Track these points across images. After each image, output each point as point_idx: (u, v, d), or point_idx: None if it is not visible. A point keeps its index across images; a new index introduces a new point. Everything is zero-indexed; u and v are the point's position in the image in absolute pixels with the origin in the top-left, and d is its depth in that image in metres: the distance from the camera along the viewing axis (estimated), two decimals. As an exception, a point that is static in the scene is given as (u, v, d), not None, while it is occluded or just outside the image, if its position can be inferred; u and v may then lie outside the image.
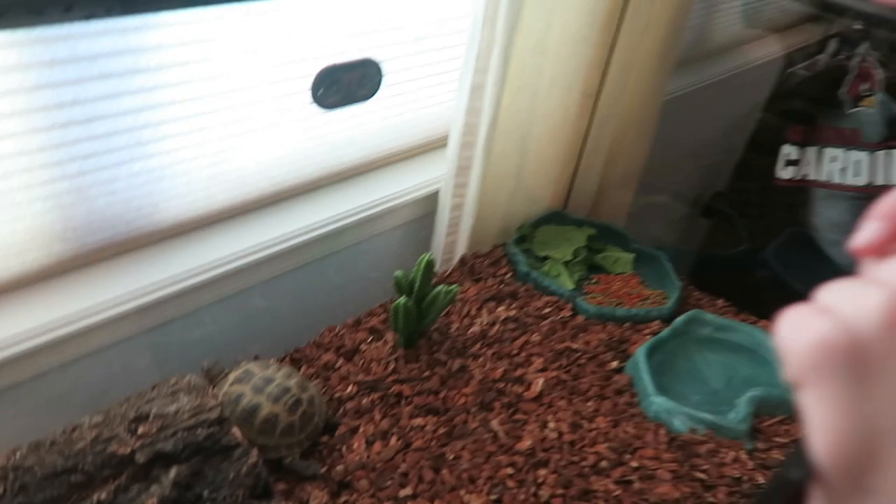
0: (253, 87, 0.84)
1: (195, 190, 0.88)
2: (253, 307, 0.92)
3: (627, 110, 1.17)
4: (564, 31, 0.97)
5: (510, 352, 0.94)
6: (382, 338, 0.93)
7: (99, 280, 0.80)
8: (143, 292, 0.81)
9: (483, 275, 1.07)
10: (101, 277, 0.81)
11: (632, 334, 0.99)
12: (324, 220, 0.96)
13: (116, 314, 0.77)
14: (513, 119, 1.02)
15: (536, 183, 1.14)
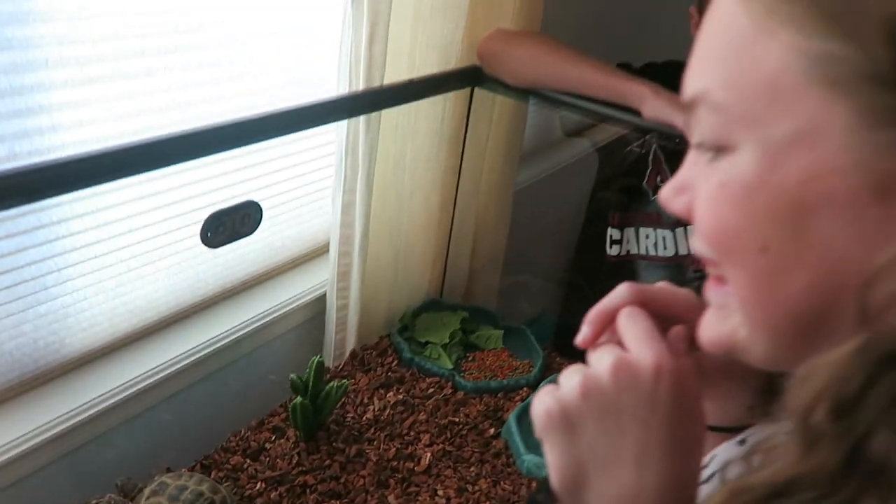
0: (146, 227, 0.95)
1: (98, 322, 0.96)
2: (161, 422, 0.99)
3: (483, 205, 1.36)
4: (418, 152, 1.15)
5: (401, 432, 1.07)
6: (285, 435, 1.03)
7: (11, 416, 0.86)
8: (55, 423, 0.87)
9: (372, 365, 1.20)
10: (12, 414, 0.87)
11: (505, 402, 1.14)
12: (221, 333, 1.06)
13: (31, 447, 0.84)
14: (383, 226, 1.17)
15: (412, 277, 1.29)
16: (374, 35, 0.95)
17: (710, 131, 0.33)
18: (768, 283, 0.32)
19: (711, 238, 0.34)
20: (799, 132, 0.29)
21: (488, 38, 1.12)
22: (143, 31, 0.85)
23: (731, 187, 0.32)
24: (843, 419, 0.27)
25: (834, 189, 0.29)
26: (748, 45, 0.31)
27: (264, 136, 0.90)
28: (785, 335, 0.33)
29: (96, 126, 0.85)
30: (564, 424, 0.41)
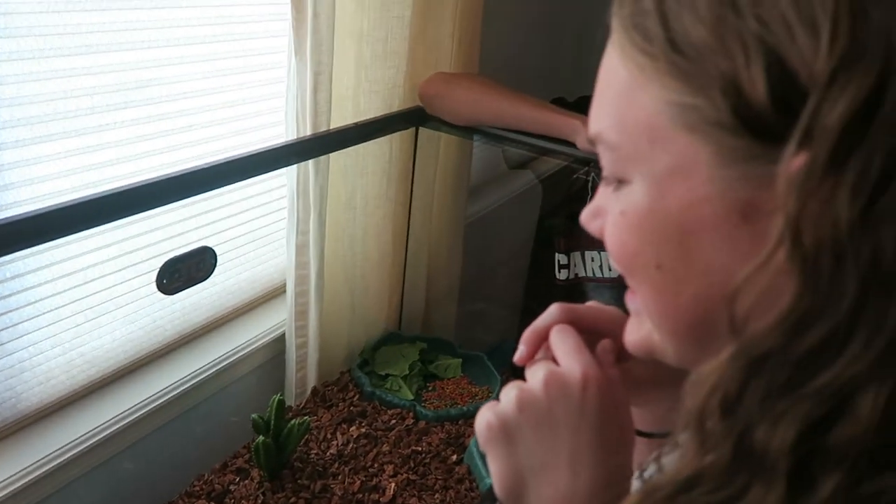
0: (101, 277, 0.97)
1: (55, 375, 0.97)
2: (123, 471, 1.00)
3: (436, 239, 1.41)
4: (368, 191, 1.19)
5: (365, 465, 1.09)
6: (249, 475, 1.04)
7: (-32, 476, 0.86)
8: (14, 479, 0.87)
9: (334, 400, 1.22)
10: (-31, 473, 0.87)
11: (466, 429, 1.17)
12: (181, 379, 1.07)
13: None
14: (337, 264, 1.21)
15: (370, 312, 1.32)
16: (318, 83, 0.99)
17: (608, 166, 0.38)
18: (665, 296, 0.37)
19: (617, 258, 0.39)
20: (674, 167, 0.34)
21: (428, 81, 1.18)
22: (92, 89, 0.88)
23: (628, 215, 0.37)
24: (727, 418, 0.31)
25: (707, 215, 0.33)
26: (628, 94, 0.35)
27: (217, 184, 0.93)
28: (686, 339, 0.38)
29: (48, 182, 0.87)
30: (503, 435, 0.44)
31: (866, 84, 0.27)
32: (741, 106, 0.30)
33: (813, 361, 0.29)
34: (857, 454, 0.28)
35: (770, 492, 0.30)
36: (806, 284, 0.29)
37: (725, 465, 0.32)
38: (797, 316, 0.29)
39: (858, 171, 0.27)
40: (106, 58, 0.89)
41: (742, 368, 0.31)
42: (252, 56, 1.09)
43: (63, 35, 0.84)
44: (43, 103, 0.84)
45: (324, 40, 0.98)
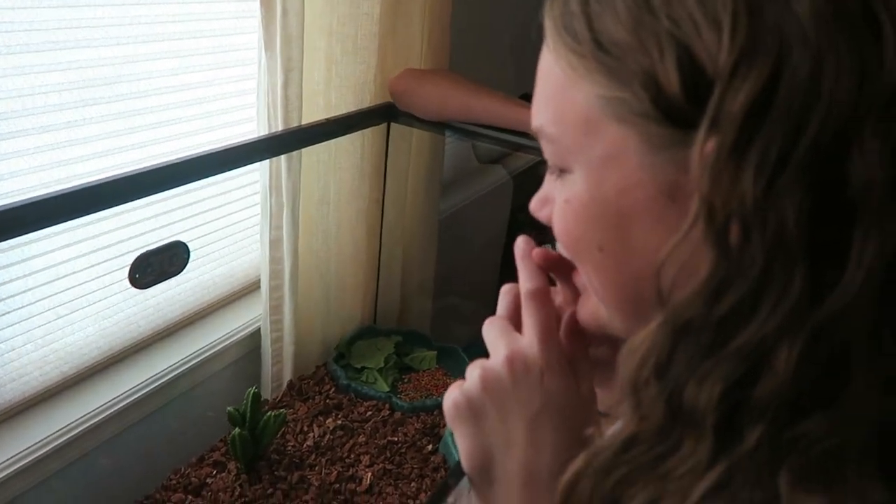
0: (74, 273, 0.97)
1: (28, 371, 0.97)
2: (99, 466, 1.00)
3: (410, 234, 1.42)
4: (340, 187, 1.21)
5: (342, 456, 1.10)
6: (226, 468, 1.05)
7: (-59, 473, 0.86)
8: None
9: (310, 393, 1.23)
10: (-57, 470, 0.86)
11: (441, 419, 1.19)
12: (156, 374, 1.08)
13: (-36, 501, 0.84)
14: (312, 259, 1.22)
15: (345, 306, 1.34)
16: (289, 79, 1.01)
17: (550, 157, 0.41)
18: (607, 275, 0.40)
19: (563, 243, 0.42)
20: (608, 156, 0.37)
21: (398, 77, 1.20)
22: (60, 86, 0.89)
23: (571, 202, 0.39)
24: (658, 381, 0.34)
25: (639, 198, 0.36)
26: (563, 91, 0.38)
27: (189, 179, 0.94)
28: (630, 313, 0.41)
29: (18, 179, 0.87)
30: (469, 413, 0.46)
31: (763, 74, 0.30)
32: (659, 97, 0.33)
33: (730, 325, 0.31)
34: (777, 406, 0.31)
35: (700, 444, 0.32)
36: (719, 255, 0.31)
37: (659, 423, 0.34)
38: (713, 284, 0.32)
39: (760, 152, 0.30)
40: (73, 54, 0.89)
41: (669, 335, 0.33)
42: (222, 52, 1.09)
43: (30, 31, 0.84)
44: (10, 99, 0.84)
45: (293, 35, 0.99)
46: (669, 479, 0.34)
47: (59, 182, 0.92)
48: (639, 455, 0.35)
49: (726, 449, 0.32)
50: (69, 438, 0.95)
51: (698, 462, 0.33)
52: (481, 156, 1.31)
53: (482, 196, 1.68)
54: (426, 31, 1.25)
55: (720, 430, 0.32)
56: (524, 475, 0.46)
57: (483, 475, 0.47)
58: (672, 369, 0.33)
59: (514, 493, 0.46)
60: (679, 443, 0.34)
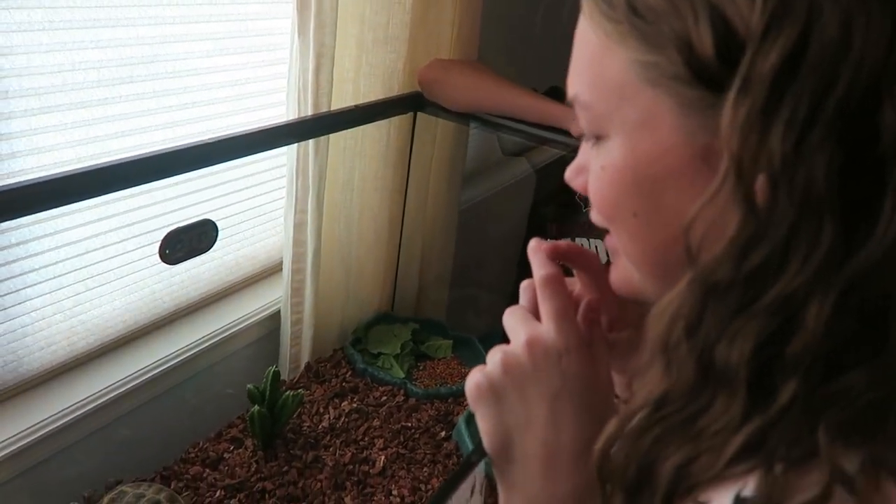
0: (104, 247, 0.99)
1: (56, 341, 0.99)
2: (120, 437, 1.02)
3: (430, 223, 1.44)
4: (365, 173, 1.22)
5: (356, 438, 1.12)
6: (243, 444, 1.07)
7: (-30, 435, 0.89)
8: (15, 440, 0.90)
9: (327, 376, 1.25)
10: (-29, 433, 0.89)
11: (455, 407, 1.21)
12: (179, 349, 1.10)
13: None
14: (334, 244, 1.23)
15: (364, 292, 1.35)
16: (321, 65, 1.02)
17: (586, 125, 0.42)
18: (642, 240, 0.41)
19: (599, 209, 0.43)
20: (643, 121, 0.38)
21: (427, 66, 1.21)
22: (98, 63, 0.90)
23: (607, 169, 0.40)
24: (689, 340, 0.35)
25: (673, 162, 0.37)
26: (599, 57, 0.39)
27: (218, 160, 0.96)
28: (663, 277, 0.41)
29: (54, 153, 0.89)
30: (490, 395, 0.47)
31: (793, 35, 0.31)
32: (693, 60, 0.34)
33: (759, 281, 0.32)
34: (811, 362, 0.32)
35: (733, 401, 0.33)
36: (748, 212, 0.32)
37: (690, 382, 0.35)
38: (742, 241, 0.32)
39: (790, 110, 0.31)
40: (113, 32, 0.91)
41: (699, 294, 0.34)
42: (255, 36, 1.11)
43: (72, 8, 0.86)
44: (51, 74, 0.86)
45: (327, 22, 1.00)
46: (703, 438, 0.34)
47: (93, 157, 0.94)
48: (671, 415, 0.36)
49: (760, 406, 0.33)
50: (93, 408, 0.98)
51: (731, 419, 0.33)
52: (506, 148, 1.31)
53: (504, 189, 1.69)
54: (457, 23, 1.25)
55: (753, 386, 0.33)
56: (543, 455, 0.46)
57: (503, 455, 0.48)
58: (702, 328, 0.34)
59: (534, 472, 0.47)
60: (711, 401, 0.34)
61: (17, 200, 0.74)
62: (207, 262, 1.17)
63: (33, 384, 0.98)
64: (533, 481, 0.47)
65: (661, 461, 0.36)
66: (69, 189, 0.78)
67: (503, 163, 1.65)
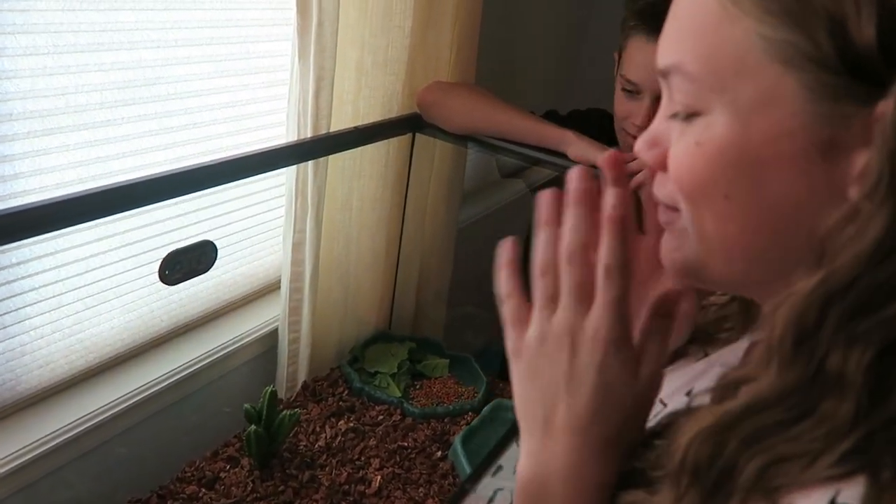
0: (102, 267, 1.00)
1: (55, 360, 1.00)
2: (117, 455, 1.03)
3: (428, 242, 1.45)
4: (364, 193, 1.23)
5: (352, 457, 1.12)
6: (239, 463, 1.07)
7: (-32, 454, 0.89)
8: (12, 458, 0.90)
9: (324, 395, 1.25)
10: (-31, 451, 0.89)
11: (451, 426, 1.21)
12: (176, 368, 1.11)
13: (-11, 482, 0.86)
14: (332, 263, 1.24)
15: (361, 311, 1.36)
16: (320, 88, 1.03)
17: (684, 97, 0.39)
18: (727, 223, 0.39)
19: (685, 187, 0.40)
20: (760, 99, 0.35)
21: (426, 89, 1.22)
22: (101, 85, 0.92)
23: (705, 146, 0.38)
24: (806, 343, 0.34)
25: (786, 149, 0.35)
26: (717, 26, 0.36)
27: (219, 182, 0.97)
28: (738, 261, 0.40)
29: (57, 173, 0.91)
30: (522, 362, 0.44)
31: None
32: (846, 47, 0.32)
33: (891, 289, 0.32)
34: None
35: (842, 407, 0.33)
36: (893, 219, 0.31)
37: (802, 386, 0.34)
38: (885, 246, 0.31)
39: None
40: (116, 55, 0.92)
41: (824, 297, 0.33)
42: (256, 58, 1.12)
43: (77, 32, 0.87)
44: (55, 97, 0.87)
45: (327, 46, 1.02)
46: (800, 441, 0.34)
47: (95, 178, 0.95)
48: (772, 415, 0.35)
49: (870, 412, 0.32)
50: (91, 426, 0.98)
51: (838, 424, 0.33)
52: (502, 169, 1.33)
53: (501, 208, 1.70)
54: (455, 46, 1.27)
55: (865, 394, 0.32)
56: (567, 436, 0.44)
57: (525, 424, 0.46)
58: (823, 332, 0.33)
59: (557, 451, 0.44)
60: (817, 405, 0.34)
61: (19, 223, 0.75)
62: (206, 281, 1.18)
63: (31, 402, 0.98)
64: (555, 458, 0.44)
65: (745, 461, 0.35)
66: (71, 212, 0.79)
67: (501, 183, 1.66)
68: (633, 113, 1.06)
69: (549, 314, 0.43)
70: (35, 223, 0.76)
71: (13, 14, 0.81)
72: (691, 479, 0.37)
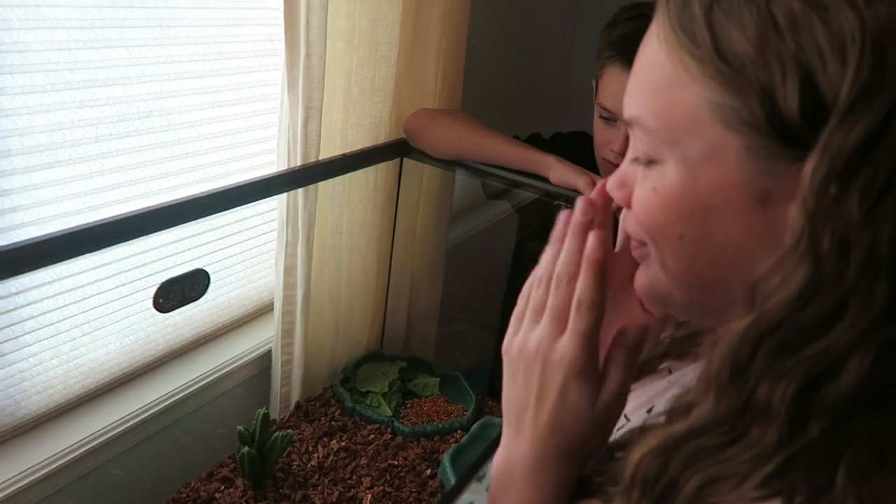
0: (99, 294, 1.03)
1: (53, 385, 1.03)
2: (114, 477, 1.05)
3: (418, 263, 1.48)
4: (353, 217, 1.27)
5: (344, 476, 1.15)
6: (233, 484, 1.10)
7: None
8: (11, 482, 0.93)
9: (316, 415, 1.28)
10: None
11: (441, 444, 1.24)
12: (171, 391, 1.13)
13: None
14: (324, 285, 1.27)
15: (353, 331, 1.39)
16: (309, 118, 1.07)
17: (643, 147, 0.43)
18: (683, 260, 0.43)
19: (644, 226, 0.44)
20: (707, 154, 0.40)
21: (412, 116, 1.26)
22: (96, 120, 0.95)
23: (660, 192, 0.42)
24: (740, 376, 0.38)
25: (731, 198, 0.39)
26: (671, 87, 0.40)
27: (212, 211, 1.00)
28: (695, 293, 0.45)
29: (54, 205, 0.94)
30: (507, 362, 0.50)
31: (880, 114, 0.33)
32: (774, 114, 0.36)
33: (813, 331, 0.35)
34: (842, 404, 0.35)
35: (767, 433, 0.37)
36: (814, 268, 0.35)
37: (735, 414, 0.38)
38: (806, 293, 0.35)
39: (867, 180, 0.34)
40: (111, 91, 0.96)
41: (755, 336, 0.37)
42: (247, 88, 1.16)
43: (72, 70, 0.91)
44: (51, 132, 0.91)
45: (315, 77, 1.06)
46: (731, 463, 0.37)
47: (91, 209, 0.98)
48: (709, 439, 0.39)
49: (790, 439, 0.36)
50: (88, 449, 1.01)
51: (763, 449, 0.37)
52: (488, 192, 1.36)
53: (488, 227, 1.74)
54: (440, 74, 1.31)
55: (788, 422, 0.36)
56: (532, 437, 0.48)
57: (507, 416, 0.50)
58: (753, 367, 0.37)
59: (524, 449, 0.48)
60: (746, 430, 0.38)
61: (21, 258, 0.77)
62: (201, 305, 1.21)
63: (30, 427, 1.01)
64: (520, 455, 0.49)
65: (685, 479, 0.39)
66: (69, 246, 0.81)
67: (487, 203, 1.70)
68: (612, 140, 1.10)
69: (534, 325, 0.48)
70: (37, 257, 0.79)
71: (11, 55, 0.84)
72: (640, 493, 0.41)
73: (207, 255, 1.18)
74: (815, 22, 0.35)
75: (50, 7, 0.86)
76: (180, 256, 1.13)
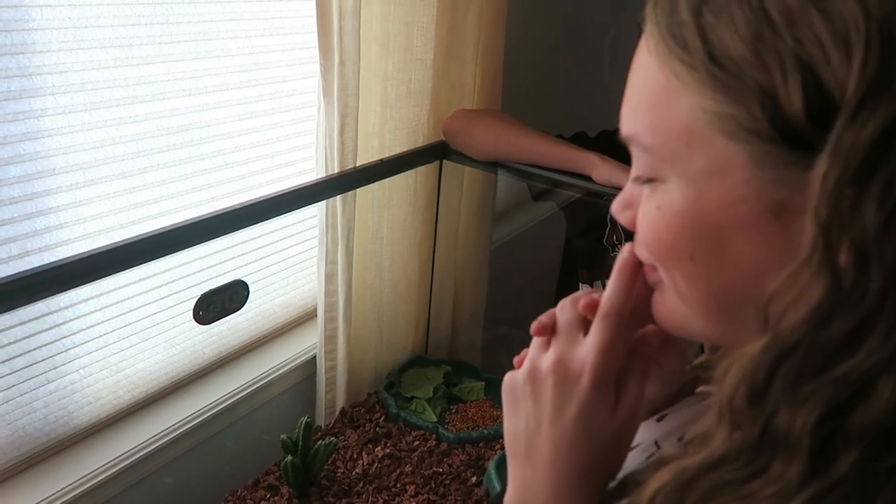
0: (146, 305, 1.05)
1: (103, 395, 1.05)
2: (163, 485, 1.07)
3: (462, 265, 1.46)
4: (393, 221, 1.26)
5: (388, 484, 1.14)
6: (279, 492, 1.10)
7: (24, 487, 0.95)
8: (66, 491, 0.95)
9: (361, 421, 1.28)
10: (25, 484, 0.95)
11: (486, 451, 1.22)
12: (217, 399, 1.15)
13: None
14: (366, 291, 1.27)
15: (397, 336, 1.38)
16: (345, 125, 1.06)
17: (643, 165, 0.40)
18: (698, 283, 0.40)
19: (652, 250, 0.41)
20: (711, 169, 0.36)
21: (451, 117, 1.24)
22: (136, 135, 0.97)
23: (664, 211, 0.39)
24: (756, 403, 0.34)
25: (742, 213, 0.36)
26: (665, 99, 0.37)
27: (252, 222, 1.00)
28: (714, 316, 0.41)
29: (98, 220, 0.96)
30: (511, 395, 0.48)
31: (893, 108, 0.30)
32: (777, 117, 0.33)
33: (837, 351, 0.32)
34: (875, 434, 0.31)
35: (791, 467, 0.33)
36: (832, 282, 0.31)
37: (753, 444, 0.35)
38: (823, 310, 0.32)
39: (884, 182, 0.30)
40: (150, 106, 0.97)
41: (772, 359, 0.34)
42: (284, 97, 1.16)
43: (112, 88, 0.92)
44: (93, 150, 0.93)
45: (349, 84, 1.05)
46: (751, 501, 0.34)
47: (134, 223, 1.00)
48: (725, 473, 0.35)
49: (817, 474, 0.32)
50: (138, 458, 1.03)
51: (787, 485, 0.33)
52: (534, 193, 1.33)
53: (535, 226, 1.70)
54: (479, 74, 1.28)
55: (813, 454, 0.32)
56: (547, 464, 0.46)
57: (512, 451, 0.48)
58: (771, 392, 0.34)
59: (538, 478, 0.46)
60: (768, 464, 0.34)
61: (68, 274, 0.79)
62: (245, 313, 1.22)
63: (83, 437, 1.04)
64: (535, 486, 0.47)
65: None
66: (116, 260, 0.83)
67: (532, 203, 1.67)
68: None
69: (542, 351, 0.47)
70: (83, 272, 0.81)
71: (52, 76, 0.86)
72: None
73: (250, 263, 1.19)
74: (813, 13, 0.32)
75: (88, 28, 0.88)
76: (223, 266, 1.14)
